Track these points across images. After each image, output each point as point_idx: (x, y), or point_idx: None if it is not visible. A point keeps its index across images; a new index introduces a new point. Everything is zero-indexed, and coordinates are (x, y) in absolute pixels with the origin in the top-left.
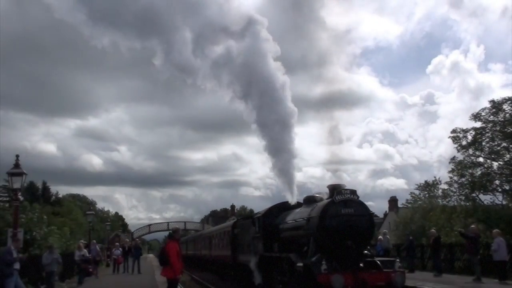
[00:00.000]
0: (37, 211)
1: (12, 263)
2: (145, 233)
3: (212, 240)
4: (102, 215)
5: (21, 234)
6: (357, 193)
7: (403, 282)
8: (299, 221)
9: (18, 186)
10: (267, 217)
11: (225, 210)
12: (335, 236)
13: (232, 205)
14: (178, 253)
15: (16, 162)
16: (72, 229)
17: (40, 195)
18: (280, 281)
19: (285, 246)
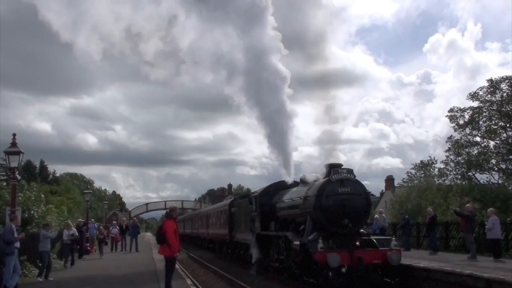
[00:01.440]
0: (34, 190)
1: (13, 242)
2: (143, 212)
3: (209, 219)
4: (99, 194)
5: (19, 213)
6: (354, 172)
7: (399, 260)
8: (296, 200)
9: (15, 165)
10: (264, 196)
11: (222, 189)
12: (331, 215)
13: (229, 184)
14: (175, 231)
15: (13, 141)
16: (70, 208)
17: (37, 174)
18: (277, 259)
19: (282, 224)
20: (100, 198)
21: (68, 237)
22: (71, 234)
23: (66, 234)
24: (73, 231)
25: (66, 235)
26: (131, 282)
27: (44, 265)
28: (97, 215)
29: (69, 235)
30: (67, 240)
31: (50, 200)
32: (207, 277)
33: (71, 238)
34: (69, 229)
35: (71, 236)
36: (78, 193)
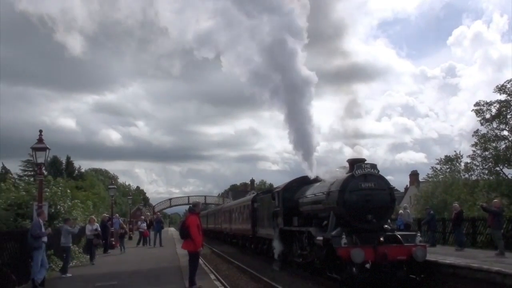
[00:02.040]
0: (61, 185)
1: (41, 236)
2: (166, 207)
3: (232, 214)
4: (123, 189)
5: (46, 208)
6: (377, 167)
7: (424, 256)
8: (319, 195)
9: (42, 161)
10: (286, 191)
11: (244, 184)
12: (355, 210)
13: (252, 180)
14: (199, 226)
15: (39, 137)
16: (95, 203)
17: (63, 170)
18: (300, 254)
19: (305, 220)
20: (124, 193)
21: (91, 232)
22: (94, 229)
23: (89, 229)
24: (96, 226)
25: (89, 230)
26: (156, 276)
27: (67, 261)
28: (122, 210)
29: (92, 230)
30: (90, 235)
31: (76, 195)
32: (230, 272)
33: (94, 233)
34: (92, 224)
35: (94, 231)
36: (102, 188)
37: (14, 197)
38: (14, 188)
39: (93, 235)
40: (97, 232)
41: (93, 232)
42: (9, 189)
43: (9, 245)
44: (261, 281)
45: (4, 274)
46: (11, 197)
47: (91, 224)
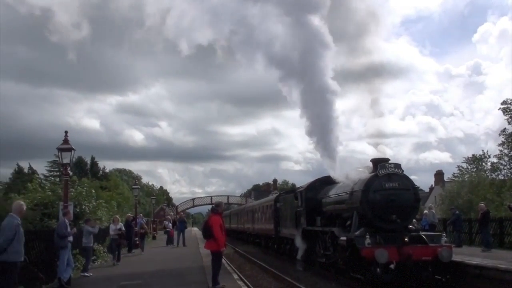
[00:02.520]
0: (85, 185)
1: (67, 236)
2: (189, 207)
3: (254, 214)
4: (147, 189)
5: (71, 208)
6: (401, 167)
7: (450, 256)
8: (342, 195)
9: (67, 161)
10: (309, 191)
11: (267, 184)
12: (378, 210)
13: (274, 179)
14: (221, 226)
15: (65, 138)
16: (119, 203)
17: (88, 170)
18: (323, 254)
19: (328, 220)
20: (148, 194)
21: (115, 231)
22: (118, 229)
23: (112, 228)
24: (120, 225)
25: (112, 229)
26: (179, 276)
27: (89, 261)
28: (145, 210)
29: (115, 229)
30: (114, 235)
31: (100, 195)
32: (253, 271)
33: (117, 233)
34: (116, 224)
35: (118, 230)
36: (126, 189)
37: (40, 197)
38: (40, 188)
39: (117, 235)
40: (121, 232)
41: (116, 232)
42: (35, 189)
43: (36, 245)
44: (284, 281)
45: (31, 272)
46: (37, 197)
47: (114, 223)
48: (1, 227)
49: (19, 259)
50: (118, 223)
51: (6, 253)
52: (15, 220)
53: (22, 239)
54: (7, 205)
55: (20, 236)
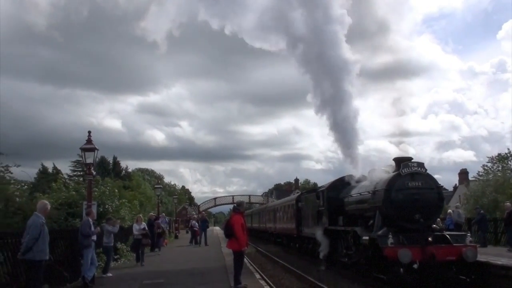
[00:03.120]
0: (108, 185)
1: (90, 235)
2: (211, 206)
3: (276, 213)
4: (169, 189)
5: (95, 207)
6: (424, 166)
7: (475, 256)
8: (364, 195)
9: (90, 161)
10: (331, 191)
11: (289, 184)
12: (401, 210)
13: (296, 179)
14: (243, 225)
15: (88, 138)
16: (141, 202)
17: (111, 170)
18: (346, 254)
19: (350, 219)
20: (170, 193)
21: (139, 231)
22: (142, 229)
23: (136, 228)
24: (143, 225)
25: (136, 229)
26: (201, 275)
27: (109, 260)
28: (167, 209)
29: (139, 229)
30: (138, 235)
31: (123, 195)
32: (275, 271)
33: (141, 233)
34: (139, 223)
35: (142, 230)
36: (149, 188)
37: (64, 196)
38: (64, 188)
39: (141, 235)
40: (145, 231)
41: (140, 231)
42: (60, 189)
43: (60, 243)
44: (306, 280)
45: (56, 271)
46: (61, 196)
47: (138, 223)
48: (27, 226)
49: (44, 257)
50: (142, 223)
51: (32, 252)
52: (40, 219)
53: (47, 238)
54: (32, 204)
55: (45, 235)
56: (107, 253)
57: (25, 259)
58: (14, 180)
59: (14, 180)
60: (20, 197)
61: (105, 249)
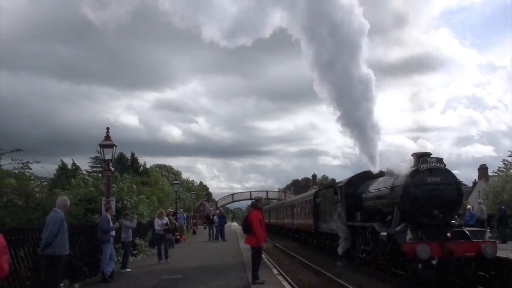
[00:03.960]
0: (127, 181)
1: (109, 231)
2: (229, 202)
3: (294, 209)
4: (187, 184)
5: (114, 203)
6: (443, 162)
7: (495, 252)
8: (383, 190)
9: (109, 157)
10: (349, 186)
11: (306, 180)
12: (420, 206)
13: (314, 175)
14: (261, 221)
15: (106, 134)
16: (159, 198)
17: (129, 166)
18: (364, 250)
19: (368, 215)
20: (188, 189)
21: (161, 226)
22: (165, 223)
23: (158, 223)
24: (165, 220)
25: (158, 224)
26: (219, 270)
27: (128, 256)
28: (185, 205)
29: (162, 224)
30: (160, 230)
31: (142, 191)
32: (293, 267)
33: (164, 228)
34: (162, 218)
35: (164, 225)
36: (167, 184)
37: (83, 192)
38: (83, 184)
39: (163, 230)
40: (168, 226)
41: (163, 226)
42: (79, 185)
43: (80, 239)
44: (324, 276)
45: (75, 266)
46: (81, 192)
47: (160, 218)
48: (46, 222)
49: (64, 252)
50: (164, 217)
51: (51, 247)
52: (59, 215)
53: (66, 233)
54: (52, 200)
55: (64, 230)
56: (125, 249)
57: (45, 254)
58: (34, 176)
59: (34, 177)
60: (40, 193)
61: (123, 245)
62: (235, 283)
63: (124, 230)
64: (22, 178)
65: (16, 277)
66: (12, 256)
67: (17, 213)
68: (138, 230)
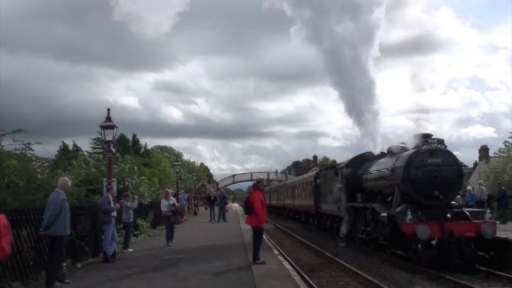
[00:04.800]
0: (128, 162)
1: (110, 211)
2: (230, 183)
3: (295, 190)
4: (188, 166)
5: (115, 184)
6: (444, 143)
7: (494, 233)
8: (383, 172)
9: (110, 139)
10: (350, 168)
11: (307, 161)
12: (420, 187)
13: (314, 156)
14: (263, 202)
15: (107, 115)
16: (160, 179)
17: (130, 147)
18: (364, 230)
19: (368, 196)
20: (189, 170)
21: (168, 207)
22: (171, 204)
23: (164, 204)
24: (172, 200)
25: (164, 205)
26: (220, 251)
27: (129, 236)
28: (186, 186)
29: (168, 205)
30: (167, 212)
31: (143, 172)
32: (293, 247)
33: (171, 209)
34: (168, 199)
35: (171, 206)
36: (168, 165)
37: (85, 173)
38: (85, 165)
39: (170, 211)
40: (175, 207)
41: (169, 208)
42: (80, 166)
43: (82, 219)
44: (324, 256)
45: (78, 246)
46: (82, 173)
47: (167, 199)
48: (48, 202)
49: (66, 232)
50: (171, 198)
51: (54, 227)
52: (61, 196)
53: (68, 214)
54: (54, 181)
55: (66, 211)
56: (126, 229)
57: (47, 234)
58: (35, 157)
59: (36, 158)
60: (41, 174)
61: (124, 225)
62: (236, 263)
63: (125, 211)
64: (24, 159)
65: (19, 257)
66: (14, 237)
67: (19, 193)
68: (140, 211)
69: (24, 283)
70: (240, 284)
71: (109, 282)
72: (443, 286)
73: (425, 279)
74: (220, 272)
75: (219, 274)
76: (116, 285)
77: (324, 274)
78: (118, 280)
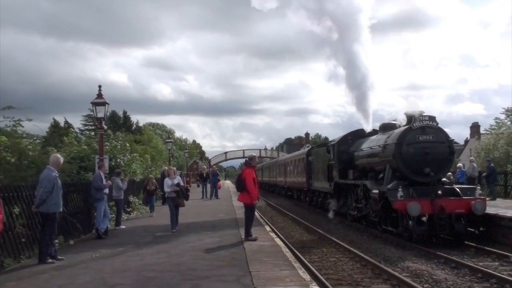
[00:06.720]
0: (120, 139)
1: (102, 188)
2: (222, 160)
3: (287, 167)
4: (180, 143)
5: (107, 161)
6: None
7: (484, 209)
8: (375, 148)
9: (102, 115)
10: (342, 145)
11: (299, 138)
12: (412, 163)
13: (306, 133)
14: (255, 179)
15: (99, 92)
16: (153, 157)
17: (122, 124)
18: (355, 207)
19: (360, 173)
20: (181, 147)
21: (172, 188)
22: (176, 184)
23: (168, 184)
24: (177, 179)
25: (168, 185)
26: (213, 227)
27: (120, 213)
28: (178, 163)
29: (172, 184)
30: (171, 193)
31: (135, 149)
32: (285, 224)
33: (175, 190)
34: (172, 177)
35: (175, 186)
36: (160, 142)
37: (76, 150)
38: (76, 142)
39: (175, 192)
40: (179, 187)
41: (174, 188)
42: (71, 143)
43: (74, 197)
44: (315, 232)
45: (70, 223)
46: (73, 150)
47: (171, 177)
48: (40, 180)
49: (58, 210)
50: (175, 176)
51: (46, 204)
52: (52, 173)
53: (60, 191)
54: (45, 158)
55: (58, 188)
56: (117, 206)
57: (39, 211)
58: (26, 134)
59: (26, 134)
60: (33, 151)
61: (115, 202)
62: (229, 239)
63: (116, 188)
64: (14, 135)
65: (11, 234)
66: (6, 214)
67: (10, 170)
68: (131, 188)
69: (16, 260)
70: (232, 260)
71: (102, 259)
72: (433, 262)
73: (416, 255)
74: (212, 248)
75: (211, 250)
76: (109, 262)
77: (316, 250)
78: (111, 256)
